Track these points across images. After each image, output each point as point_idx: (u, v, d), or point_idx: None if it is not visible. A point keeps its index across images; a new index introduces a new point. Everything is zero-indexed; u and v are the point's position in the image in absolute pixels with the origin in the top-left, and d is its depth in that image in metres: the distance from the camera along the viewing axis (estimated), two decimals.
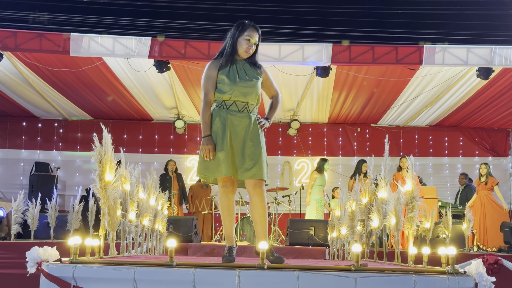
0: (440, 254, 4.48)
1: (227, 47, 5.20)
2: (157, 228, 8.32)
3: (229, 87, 5.02)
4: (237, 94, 5.05)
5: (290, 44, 11.02)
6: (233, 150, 4.98)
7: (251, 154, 4.99)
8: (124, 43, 10.74)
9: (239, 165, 4.97)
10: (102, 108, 14.90)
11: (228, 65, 5.09)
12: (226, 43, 5.24)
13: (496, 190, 13.34)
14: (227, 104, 5.06)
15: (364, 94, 13.47)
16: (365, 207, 7.33)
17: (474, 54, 10.84)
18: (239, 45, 5.14)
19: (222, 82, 5.05)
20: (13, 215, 11.03)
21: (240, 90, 5.05)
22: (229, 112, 5.03)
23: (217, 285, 4.10)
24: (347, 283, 4.13)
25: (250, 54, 5.22)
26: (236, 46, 5.15)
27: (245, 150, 5.00)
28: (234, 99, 5.05)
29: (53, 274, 4.07)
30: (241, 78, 5.08)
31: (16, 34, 10.66)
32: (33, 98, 14.15)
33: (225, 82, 5.03)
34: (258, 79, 5.22)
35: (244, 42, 5.13)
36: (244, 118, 5.06)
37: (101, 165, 4.95)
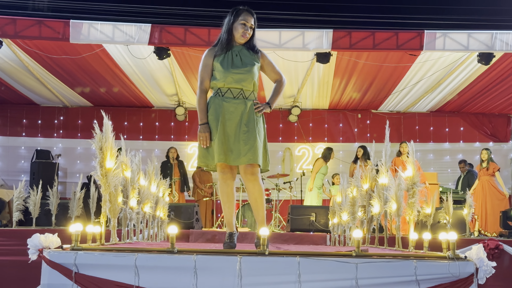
0: (441, 240, 4.48)
1: (223, 33, 5.23)
2: (158, 215, 8.34)
3: (223, 74, 5.08)
4: (231, 81, 5.09)
5: (291, 30, 11.00)
6: (227, 136, 5.01)
7: (245, 139, 5.01)
8: (124, 30, 10.72)
9: (236, 151, 5.00)
10: (102, 95, 14.88)
11: (224, 52, 5.13)
12: (223, 29, 5.26)
13: (497, 175, 13.36)
14: (222, 91, 5.11)
15: (365, 80, 13.45)
16: (366, 193, 7.34)
17: (474, 39, 10.82)
18: (235, 30, 5.18)
19: (217, 69, 5.12)
20: (14, 202, 11.05)
21: (234, 77, 5.09)
22: (224, 100, 5.08)
23: (218, 271, 4.11)
24: (348, 268, 4.14)
25: (247, 38, 5.24)
26: (232, 31, 5.20)
27: (240, 135, 5.02)
28: (228, 86, 5.10)
29: (54, 261, 4.08)
30: (234, 65, 5.12)
31: (15, 21, 10.63)
32: (34, 85, 14.14)
33: (219, 69, 5.09)
34: (254, 64, 5.22)
35: (239, 26, 5.16)
36: (239, 104, 5.09)
37: (101, 152, 4.95)
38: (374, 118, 15.95)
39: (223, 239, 5.29)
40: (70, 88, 14.24)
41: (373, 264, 4.17)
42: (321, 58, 11.13)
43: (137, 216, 7.16)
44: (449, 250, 4.36)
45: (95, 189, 10.07)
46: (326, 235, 10.29)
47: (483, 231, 12.41)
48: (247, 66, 5.15)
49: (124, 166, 6.05)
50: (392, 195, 6.09)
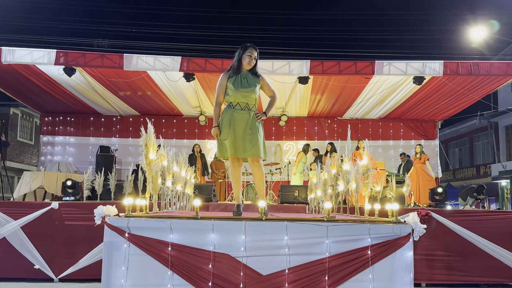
0: (387, 209, 4.52)
1: (235, 62, 5.33)
2: (187, 192, 8.36)
3: (234, 92, 5.19)
4: (239, 97, 5.21)
5: (280, 61, 10.98)
6: (237, 137, 5.15)
7: (250, 139, 5.17)
8: (162, 61, 10.72)
9: (242, 147, 5.17)
10: (147, 107, 14.86)
11: (235, 76, 5.24)
12: (234, 59, 5.34)
13: (427, 164, 13.45)
14: (233, 104, 5.23)
15: (333, 96, 13.44)
16: (334, 176, 7.35)
17: (411, 66, 10.83)
18: (243, 60, 5.29)
19: (229, 88, 5.23)
20: (84, 183, 11.07)
21: (241, 94, 5.20)
22: (234, 111, 5.20)
23: (229, 232, 4.13)
24: (321, 229, 4.17)
25: (252, 66, 5.36)
26: (241, 60, 5.30)
27: (245, 136, 5.17)
28: (237, 101, 5.22)
29: (113, 224, 4.11)
30: (242, 85, 5.22)
31: (85, 55, 10.64)
32: (97, 100, 14.14)
33: (231, 88, 5.21)
34: (256, 85, 5.35)
35: (246, 57, 5.29)
36: (245, 114, 5.22)
37: (146, 147, 4.97)
38: (340, 123, 15.94)
39: (233, 209, 5.31)
40: (123, 102, 14.23)
41: (339, 226, 4.19)
42: (302, 80, 11.13)
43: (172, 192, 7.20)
44: (393, 216, 4.38)
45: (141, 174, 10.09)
46: (306, 206, 10.30)
47: (417, 203, 12.43)
48: (251, 87, 5.27)
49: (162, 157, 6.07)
50: (352, 178, 6.11)
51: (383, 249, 4.15)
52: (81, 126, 15.81)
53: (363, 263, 4.12)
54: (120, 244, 4.07)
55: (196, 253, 4.08)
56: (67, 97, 13.79)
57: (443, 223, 10.21)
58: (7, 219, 9.96)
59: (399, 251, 4.16)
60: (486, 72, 10.83)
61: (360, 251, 4.14)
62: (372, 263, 4.12)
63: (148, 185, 5.12)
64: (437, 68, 10.76)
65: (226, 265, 4.07)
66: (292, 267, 4.10)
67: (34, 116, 24.55)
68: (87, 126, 15.83)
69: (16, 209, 10.09)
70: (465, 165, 31.31)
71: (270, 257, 4.11)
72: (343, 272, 4.11)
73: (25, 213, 10.02)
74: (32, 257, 9.93)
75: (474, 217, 10.36)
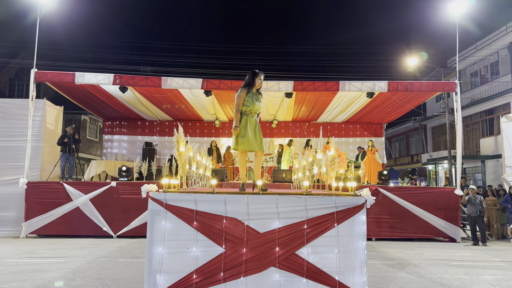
0: (348, 186, 4.51)
1: (250, 83, 5.26)
2: (206, 174, 8.35)
3: (250, 104, 5.19)
4: (253, 108, 5.21)
5: (272, 81, 10.95)
6: (249, 136, 5.14)
7: (258, 137, 5.21)
8: (188, 81, 10.69)
9: (253, 142, 5.15)
10: (178, 114, 14.82)
11: (250, 93, 5.22)
12: (247, 81, 5.28)
13: (376, 154, 13.46)
14: (247, 112, 5.21)
15: (310, 106, 13.42)
16: (311, 163, 7.36)
17: (364, 85, 10.79)
18: (256, 82, 5.26)
19: (247, 101, 5.20)
20: (134, 168, 11.08)
21: (255, 107, 5.22)
22: (248, 117, 5.20)
23: (236, 202, 4.13)
24: (301, 200, 4.17)
25: (260, 86, 5.35)
26: (255, 82, 5.25)
27: (256, 135, 5.19)
28: (251, 110, 5.21)
29: (154, 197, 4.11)
30: (256, 100, 5.24)
31: (134, 77, 10.61)
32: (143, 109, 14.09)
33: (249, 101, 5.20)
34: (261, 101, 5.38)
35: (257, 81, 5.27)
36: (255, 119, 5.28)
37: (177, 143, 4.96)
38: (314, 125, 15.91)
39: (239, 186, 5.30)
40: (161, 110, 14.19)
41: (314, 198, 4.20)
42: (288, 95, 11.09)
43: (196, 175, 7.18)
44: (352, 191, 4.39)
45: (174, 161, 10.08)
46: (291, 184, 10.32)
47: (369, 181, 12.44)
48: (260, 102, 5.31)
49: (189, 150, 6.06)
50: (324, 164, 6.11)
51: (345, 213, 4.16)
52: (132, 128, 15.76)
53: (331, 224, 4.13)
54: (160, 211, 4.08)
55: (213, 218, 4.09)
56: (122, 107, 13.76)
57: (387, 195, 10.24)
58: (80, 194, 9.98)
59: (356, 215, 4.16)
60: (418, 89, 10.81)
61: (329, 215, 4.14)
62: (337, 224, 4.13)
63: (179, 169, 5.12)
64: (383, 86, 10.74)
65: (234, 226, 4.08)
66: (281, 227, 4.11)
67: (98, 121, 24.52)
68: (135, 128, 15.79)
69: (86, 187, 10.11)
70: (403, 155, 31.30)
71: (265, 220, 4.12)
72: (317, 230, 4.12)
73: (93, 189, 10.04)
74: (98, 221, 9.96)
75: (409, 191, 10.39)
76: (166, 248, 4.02)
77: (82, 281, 5.29)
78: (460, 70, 22.81)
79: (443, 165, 23.84)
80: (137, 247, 8.48)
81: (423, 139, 27.74)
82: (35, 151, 10.50)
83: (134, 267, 6.26)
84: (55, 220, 9.85)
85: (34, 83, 10.28)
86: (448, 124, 19.74)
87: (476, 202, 9.70)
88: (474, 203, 9.69)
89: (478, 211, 9.64)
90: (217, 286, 3.99)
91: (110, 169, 12.49)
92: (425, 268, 6.64)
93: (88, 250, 7.99)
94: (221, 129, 15.90)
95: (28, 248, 8.21)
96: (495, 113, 20.26)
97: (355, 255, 4.10)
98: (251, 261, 4.03)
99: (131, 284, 5.16)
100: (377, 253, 8.19)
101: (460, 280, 5.79)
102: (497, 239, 11.05)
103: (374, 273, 6.11)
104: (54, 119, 11.51)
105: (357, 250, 4.10)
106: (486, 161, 19.77)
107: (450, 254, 8.20)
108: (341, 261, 4.08)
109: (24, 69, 23.03)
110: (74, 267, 6.22)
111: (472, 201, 9.74)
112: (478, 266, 6.91)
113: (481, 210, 9.70)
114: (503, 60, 20.41)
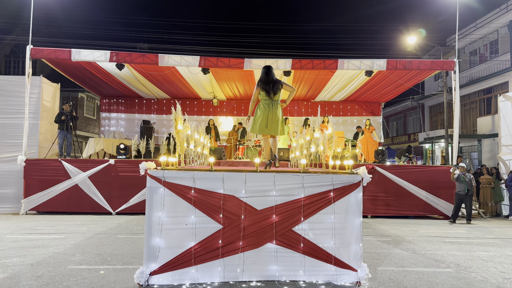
0: (345, 164, 4.53)
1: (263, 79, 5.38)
2: (204, 152, 8.36)
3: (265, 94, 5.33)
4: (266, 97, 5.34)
5: (270, 59, 10.86)
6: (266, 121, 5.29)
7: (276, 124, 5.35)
8: (186, 59, 10.57)
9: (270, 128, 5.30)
10: (175, 92, 14.70)
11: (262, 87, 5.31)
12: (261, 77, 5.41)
13: (374, 132, 13.42)
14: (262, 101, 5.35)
15: (308, 84, 13.34)
16: (308, 141, 7.37)
17: (363, 63, 10.71)
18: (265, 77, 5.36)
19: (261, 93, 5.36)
20: (132, 146, 11.08)
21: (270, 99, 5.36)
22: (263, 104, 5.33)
23: (234, 180, 4.15)
24: (299, 178, 4.19)
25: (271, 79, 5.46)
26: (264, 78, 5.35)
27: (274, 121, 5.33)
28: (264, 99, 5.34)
29: (153, 175, 4.12)
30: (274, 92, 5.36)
31: (131, 54, 10.48)
32: (140, 87, 13.97)
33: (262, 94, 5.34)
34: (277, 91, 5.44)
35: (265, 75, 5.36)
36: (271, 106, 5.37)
37: (175, 121, 4.94)
38: (312, 104, 15.84)
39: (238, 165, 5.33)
40: (158, 88, 14.07)
41: (311, 175, 4.22)
42: (286, 73, 11.00)
43: (194, 152, 7.19)
44: (349, 169, 4.41)
45: (172, 140, 10.07)
46: (288, 162, 10.36)
47: (366, 160, 12.49)
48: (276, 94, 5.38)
49: (187, 128, 6.05)
50: (321, 142, 6.13)
51: (341, 191, 4.19)
52: (129, 106, 15.68)
53: (328, 201, 4.16)
54: (158, 188, 4.10)
55: (211, 195, 4.12)
56: (119, 85, 13.64)
57: (383, 174, 10.31)
58: (78, 171, 10.01)
59: (353, 193, 4.20)
60: (416, 67, 10.74)
61: (326, 193, 4.18)
62: (334, 201, 4.17)
63: (177, 147, 5.12)
64: (382, 64, 10.66)
65: (232, 203, 4.12)
66: (278, 204, 4.14)
67: (96, 99, 24.36)
68: (133, 106, 15.70)
69: (85, 164, 10.13)
70: (400, 134, 31.34)
71: (263, 197, 4.15)
72: (313, 207, 4.16)
73: (91, 167, 10.06)
74: (96, 198, 10.02)
75: (405, 170, 10.46)
76: (165, 225, 4.06)
77: (82, 257, 5.36)
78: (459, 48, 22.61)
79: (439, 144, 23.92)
80: (136, 223, 8.56)
81: (421, 118, 27.74)
82: (32, 128, 10.47)
83: (133, 243, 6.34)
84: (54, 197, 9.90)
85: (30, 60, 10.15)
86: (446, 103, 19.70)
87: (466, 180, 9.68)
88: (463, 181, 9.69)
89: (466, 189, 9.63)
90: (216, 261, 4.05)
91: (108, 147, 12.47)
92: (420, 244, 6.75)
93: (88, 226, 8.06)
94: (219, 108, 15.82)
95: (28, 224, 8.28)
96: (493, 92, 20.21)
97: (350, 232, 4.15)
98: (248, 237, 4.08)
99: (130, 260, 5.23)
100: (372, 230, 8.29)
101: (454, 256, 5.89)
102: (491, 217, 11.20)
103: (369, 249, 6.21)
104: (51, 96, 11.42)
105: (353, 227, 4.15)
106: (483, 140, 19.83)
107: (445, 231, 8.32)
108: (337, 238, 4.14)
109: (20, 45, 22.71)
110: (74, 243, 6.29)
111: (461, 179, 9.74)
112: (472, 243, 7.02)
113: (469, 189, 9.69)
114: (503, 39, 20.22)
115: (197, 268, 4.03)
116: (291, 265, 4.11)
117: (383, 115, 17.11)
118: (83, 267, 4.80)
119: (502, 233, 8.28)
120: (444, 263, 5.42)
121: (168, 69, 11.45)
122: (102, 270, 4.70)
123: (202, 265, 4.04)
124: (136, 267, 4.63)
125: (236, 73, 11.85)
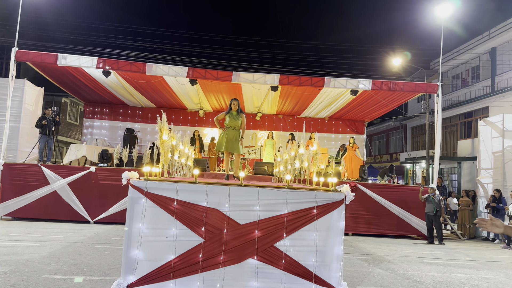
0: (329, 181, 4.55)
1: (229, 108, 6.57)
2: (188, 163, 8.30)
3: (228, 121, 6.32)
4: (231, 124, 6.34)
5: (258, 74, 10.93)
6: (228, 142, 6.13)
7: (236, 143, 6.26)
8: (174, 69, 10.57)
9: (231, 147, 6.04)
10: (161, 102, 14.63)
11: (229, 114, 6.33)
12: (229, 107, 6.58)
13: (357, 151, 13.58)
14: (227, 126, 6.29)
15: (294, 100, 13.46)
16: (293, 157, 7.39)
17: (349, 82, 10.88)
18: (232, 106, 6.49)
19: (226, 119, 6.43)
20: (114, 154, 10.92)
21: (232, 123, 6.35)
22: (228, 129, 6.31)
23: (218, 193, 4.12)
24: (283, 194, 4.19)
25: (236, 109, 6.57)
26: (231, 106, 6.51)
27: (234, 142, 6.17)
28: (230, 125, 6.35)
29: (135, 185, 4.06)
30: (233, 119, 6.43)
31: (118, 62, 10.42)
32: (126, 95, 13.85)
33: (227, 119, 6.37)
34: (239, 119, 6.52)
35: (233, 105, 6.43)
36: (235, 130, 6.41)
37: (161, 131, 4.91)
38: (298, 120, 15.96)
39: (221, 177, 5.31)
40: (144, 97, 13.98)
41: (295, 192, 4.22)
42: (273, 88, 11.09)
43: (178, 164, 7.12)
44: (332, 187, 4.43)
45: (156, 149, 9.99)
46: (272, 177, 10.36)
47: (349, 178, 12.59)
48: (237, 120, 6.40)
49: (172, 138, 6.01)
50: (305, 158, 6.15)
51: (324, 208, 4.20)
52: (113, 113, 15.50)
53: (311, 218, 4.16)
54: (140, 199, 4.04)
55: (194, 207, 4.07)
56: (104, 92, 13.51)
57: (365, 192, 10.40)
58: (57, 177, 9.81)
59: (335, 210, 4.21)
60: (401, 89, 10.97)
61: (309, 209, 4.18)
62: (316, 218, 4.17)
63: (161, 157, 5.07)
64: (367, 84, 10.85)
65: (215, 216, 4.08)
66: (261, 219, 4.12)
67: (79, 104, 24.05)
68: (117, 113, 15.54)
69: (65, 170, 9.93)
70: (382, 153, 31.77)
71: (246, 212, 4.12)
72: (296, 223, 4.15)
73: (71, 174, 9.87)
74: (75, 206, 9.81)
75: (387, 189, 10.57)
76: (145, 236, 3.99)
77: (57, 266, 5.21)
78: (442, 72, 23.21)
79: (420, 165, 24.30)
80: (115, 233, 8.39)
81: (403, 138, 28.21)
82: (13, 131, 10.25)
83: (111, 254, 6.20)
84: (31, 203, 9.66)
85: (15, 62, 10.00)
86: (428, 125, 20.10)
87: (435, 201, 9.80)
88: (432, 202, 9.82)
89: (435, 210, 9.77)
90: (195, 275, 3.99)
91: (90, 154, 12.28)
92: (399, 264, 6.79)
93: (64, 234, 7.87)
94: (206, 119, 15.79)
95: (2, 230, 8.03)
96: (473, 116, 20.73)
97: (332, 250, 4.15)
98: (229, 252, 4.04)
99: (107, 271, 5.11)
100: (353, 247, 8.32)
101: (432, 277, 5.94)
102: (468, 239, 11.37)
103: (349, 267, 6.22)
104: (34, 100, 11.23)
105: (334, 245, 4.16)
106: (463, 162, 20.24)
107: (423, 252, 8.39)
108: (319, 255, 4.13)
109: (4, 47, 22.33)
110: (50, 252, 6.13)
111: (430, 200, 9.86)
112: (450, 265, 7.10)
113: (438, 210, 9.76)
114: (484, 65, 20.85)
115: (175, 282, 3.96)
116: (272, 281, 4.08)
117: (367, 134, 17.32)
118: (58, 277, 4.67)
119: (479, 256, 8.40)
120: (422, 284, 5.45)
121: (156, 78, 11.40)
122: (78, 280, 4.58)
123: (181, 279, 3.97)
124: (113, 279, 4.53)
125: (223, 85, 11.88)
